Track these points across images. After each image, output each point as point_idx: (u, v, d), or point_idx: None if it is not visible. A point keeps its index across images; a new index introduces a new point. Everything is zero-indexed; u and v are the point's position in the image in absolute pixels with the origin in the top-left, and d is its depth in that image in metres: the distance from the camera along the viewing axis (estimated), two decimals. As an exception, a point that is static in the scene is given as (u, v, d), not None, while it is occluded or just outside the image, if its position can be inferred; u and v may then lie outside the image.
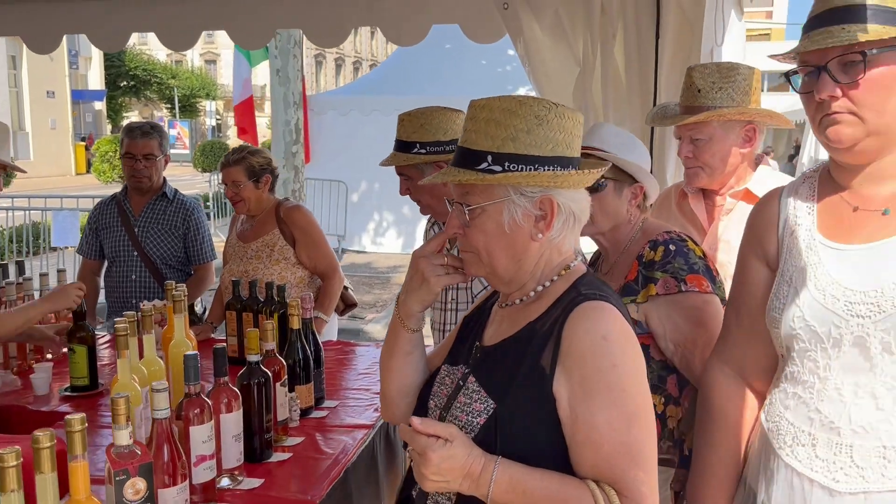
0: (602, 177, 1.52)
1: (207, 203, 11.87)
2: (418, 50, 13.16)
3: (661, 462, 1.77)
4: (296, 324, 2.23)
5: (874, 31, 1.28)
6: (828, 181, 1.47)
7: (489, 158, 1.23)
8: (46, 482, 1.21)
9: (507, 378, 1.26)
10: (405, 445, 1.32)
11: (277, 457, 1.96)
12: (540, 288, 1.32)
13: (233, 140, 35.56)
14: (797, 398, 1.41)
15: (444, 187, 2.14)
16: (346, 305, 3.38)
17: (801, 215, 1.47)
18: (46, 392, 2.49)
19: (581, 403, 1.19)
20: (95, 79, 32.64)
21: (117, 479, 1.36)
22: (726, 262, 2.10)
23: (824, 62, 1.33)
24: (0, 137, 2.33)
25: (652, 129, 3.04)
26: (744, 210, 2.20)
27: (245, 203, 3.13)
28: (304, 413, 2.23)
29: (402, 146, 2.22)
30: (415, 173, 2.21)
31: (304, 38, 3.69)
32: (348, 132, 12.29)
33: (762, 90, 2.28)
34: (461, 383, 1.34)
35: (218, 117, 41.39)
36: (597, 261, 2.08)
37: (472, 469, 1.17)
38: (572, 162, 1.26)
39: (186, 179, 19.56)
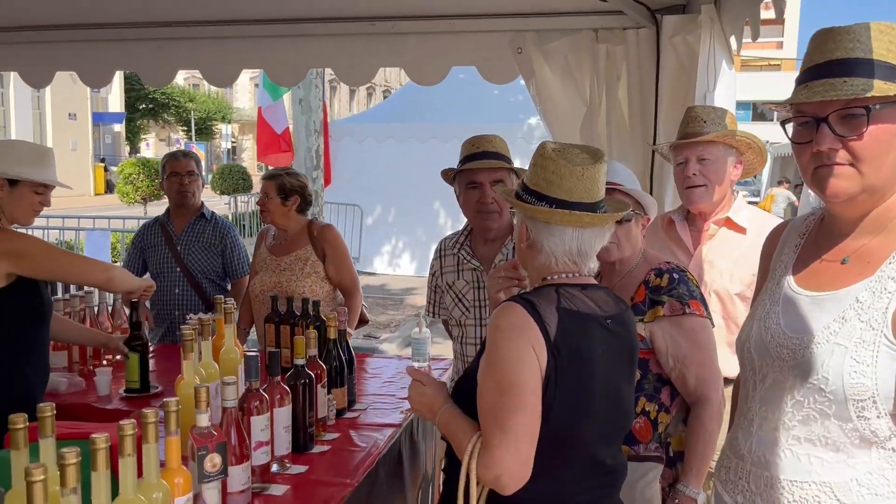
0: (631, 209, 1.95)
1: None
2: (433, 80, 13.58)
3: (652, 459, 2.07)
4: (332, 334, 2.52)
5: (878, 87, 1.27)
6: (822, 223, 1.52)
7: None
8: (127, 464, 1.44)
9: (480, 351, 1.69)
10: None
11: (318, 448, 2.25)
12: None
13: (248, 163, 36.12)
14: (736, 422, 1.57)
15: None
16: (359, 322, 3.68)
17: (787, 253, 1.54)
18: (107, 393, 2.80)
19: (480, 372, 1.59)
20: (115, 101, 33.35)
21: (199, 453, 1.66)
22: (709, 280, 2.42)
23: (825, 114, 1.31)
24: (47, 160, 2.61)
25: (652, 163, 3.35)
26: (725, 235, 2.52)
27: (269, 214, 3.46)
28: (339, 413, 2.52)
29: (497, 156, 2.56)
30: (509, 181, 2.54)
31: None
32: (363, 158, 12.66)
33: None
34: None
35: (233, 140, 42.03)
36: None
37: (432, 405, 1.72)
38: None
39: (204, 200, 19.92)
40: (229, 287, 3.85)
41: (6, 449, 1.49)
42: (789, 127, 1.40)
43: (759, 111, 35.30)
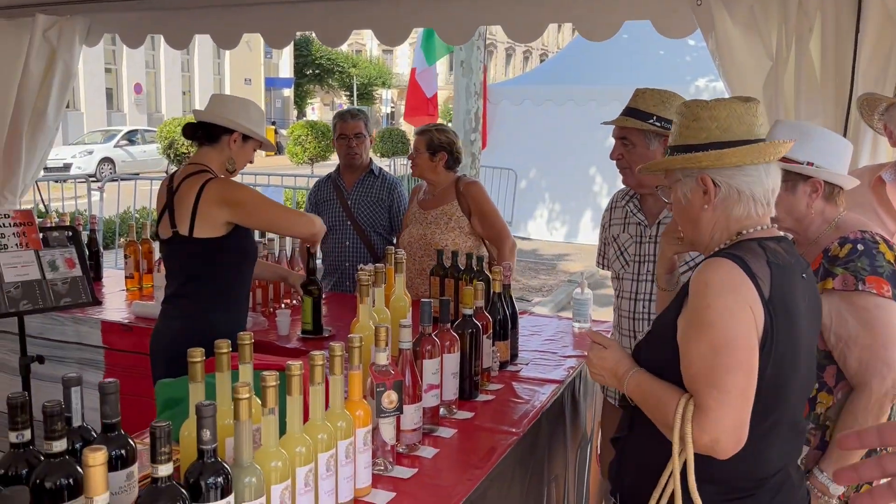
0: None
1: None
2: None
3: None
4: (497, 287, 2.55)
5: None
6: None
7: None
8: (317, 392, 1.57)
9: (666, 313, 1.65)
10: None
11: (482, 398, 2.30)
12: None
13: (405, 127, 37.07)
14: None
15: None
16: None
17: None
18: (287, 333, 3.00)
19: (684, 333, 1.52)
20: (286, 67, 35.27)
21: (378, 389, 1.74)
22: None
23: None
24: (258, 117, 2.79)
25: (846, 121, 3.06)
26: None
27: (417, 168, 3.56)
28: (502, 366, 2.56)
29: (638, 114, 2.39)
30: (640, 141, 2.39)
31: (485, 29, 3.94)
32: (520, 122, 12.59)
33: None
34: None
35: (392, 105, 43.22)
36: None
37: (616, 369, 1.64)
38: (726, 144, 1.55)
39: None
40: (395, 241, 3.98)
41: (211, 373, 1.64)
42: None
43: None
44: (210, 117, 2.69)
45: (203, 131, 2.71)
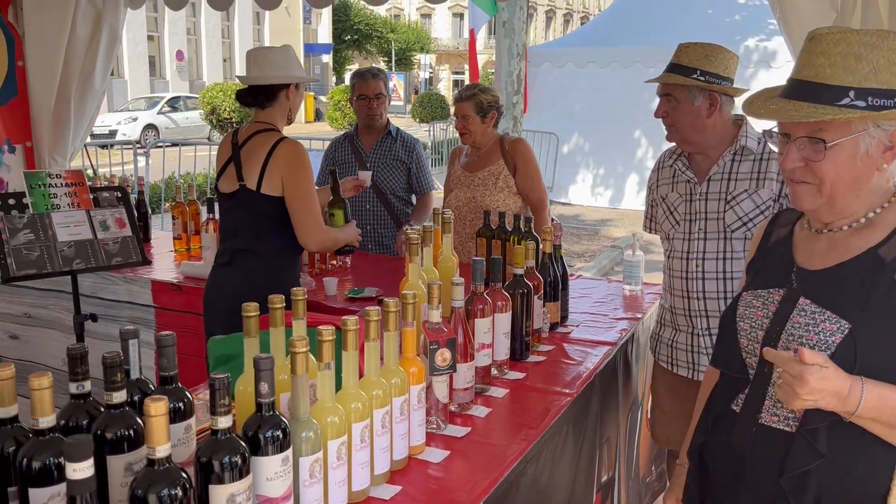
0: None
1: (427, 149, 12.58)
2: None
3: None
4: (548, 248, 2.50)
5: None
6: None
7: (851, 94, 1.28)
8: (372, 348, 1.56)
9: (860, 300, 1.34)
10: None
11: (533, 359, 2.27)
12: (871, 214, 1.40)
13: (444, 93, 36.75)
14: None
15: (703, 122, 2.26)
16: None
17: None
18: (334, 293, 3.00)
19: None
20: (325, 33, 35.19)
21: (431, 347, 1.71)
22: None
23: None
24: (296, 58, 2.78)
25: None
26: None
27: (471, 136, 3.46)
28: (552, 327, 2.51)
29: (681, 69, 2.29)
30: (685, 97, 2.29)
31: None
32: (562, 85, 12.38)
33: None
34: (787, 305, 1.43)
35: (430, 70, 42.89)
36: None
37: (841, 389, 1.26)
38: None
39: (402, 127, 20.71)
40: (414, 202, 3.92)
41: (265, 330, 1.63)
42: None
43: None
44: (262, 80, 2.68)
45: (260, 95, 2.71)
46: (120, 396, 1.24)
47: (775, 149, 1.55)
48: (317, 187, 3.13)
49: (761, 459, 1.42)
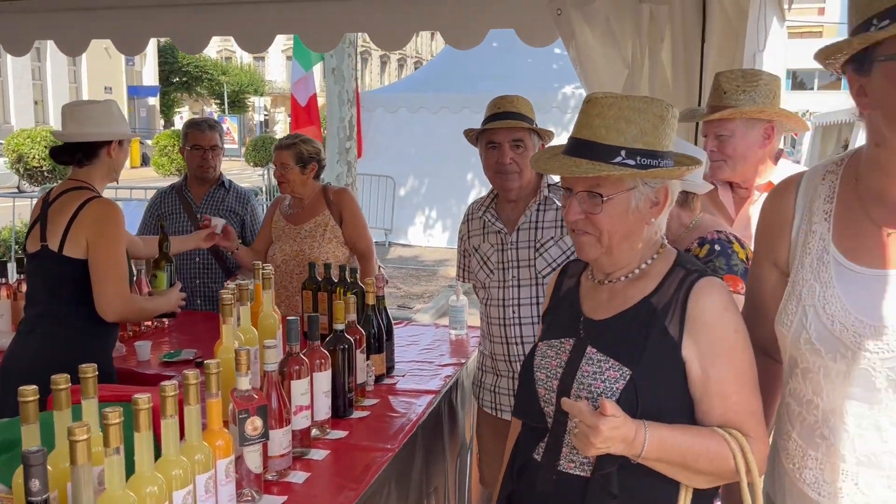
0: None
1: (259, 195, 12.28)
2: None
3: None
4: (371, 300, 2.50)
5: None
6: (851, 180, 1.35)
7: (623, 153, 1.40)
8: (169, 426, 1.41)
9: (637, 347, 1.44)
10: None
11: (357, 414, 2.24)
12: (644, 266, 1.52)
13: (280, 135, 36.21)
14: (802, 419, 1.39)
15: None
16: None
17: (817, 220, 1.38)
18: (148, 359, 2.81)
19: (711, 363, 1.41)
20: (150, 75, 33.63)
21: (240, 416, 1.64)
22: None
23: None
24: (120, 113, 2.64)
25: (696, 128, 3.24)
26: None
27: (289, 185, 3.41)
28: (378, 380, 2.50)
29: (517, 116, 2.46)
30: (529, 142, 2.46)
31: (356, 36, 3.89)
32: (397, 129, 12.60)
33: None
34: (576, 354, 1.51)
35: (266, 113, 42.21)
36: None
37: (628, 435, 1.35)
38: (675, 156, 1.47)
39: (236, 173, 20.12)
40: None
41: (49, 411, 1.49)
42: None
43: (798, 80, 34.31)
44: (80, 137, 2.52)
45: (78, 152, 2.55)
46: None
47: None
48: (143, 237, 2.96)
49: None
